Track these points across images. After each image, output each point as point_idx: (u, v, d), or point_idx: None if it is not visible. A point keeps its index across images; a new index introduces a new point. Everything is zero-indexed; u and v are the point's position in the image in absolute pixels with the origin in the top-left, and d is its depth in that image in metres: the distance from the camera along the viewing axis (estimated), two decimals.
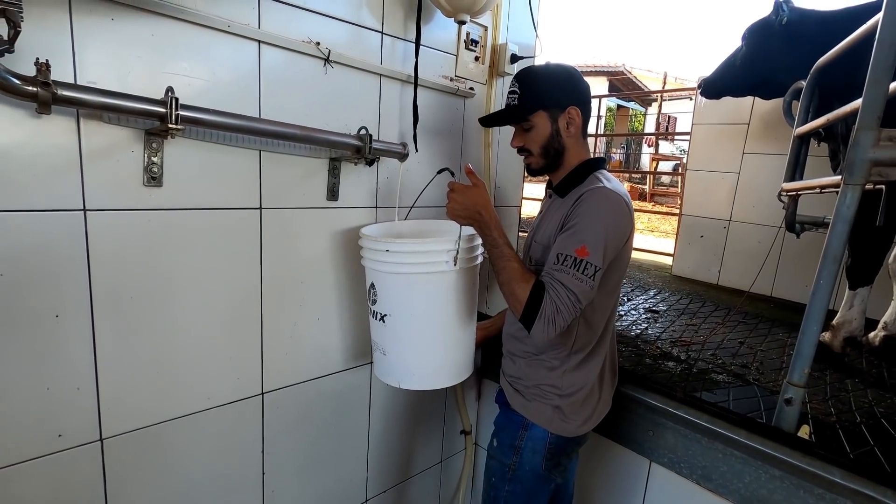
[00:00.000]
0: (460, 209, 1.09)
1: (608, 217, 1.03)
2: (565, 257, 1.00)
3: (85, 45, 0.89)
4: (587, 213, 1.03)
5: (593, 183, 1.09)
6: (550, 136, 1.14)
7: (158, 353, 1.08)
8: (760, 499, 1.16)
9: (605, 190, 1.05)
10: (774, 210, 2.38)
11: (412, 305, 1.19)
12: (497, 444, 1.24)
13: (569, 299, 0.98)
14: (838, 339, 1.83)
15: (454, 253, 1.14)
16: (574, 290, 0.98)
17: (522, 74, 1.15)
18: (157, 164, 1.00)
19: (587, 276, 0.99)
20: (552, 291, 0.99)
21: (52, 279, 0.92)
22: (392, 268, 1.16)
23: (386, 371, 1.28)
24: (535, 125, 1.14)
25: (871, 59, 1.06)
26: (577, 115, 1.13)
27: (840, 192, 1.11)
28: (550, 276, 1.01)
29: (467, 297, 1.25)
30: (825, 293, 1.12)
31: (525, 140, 1.17)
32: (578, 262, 0.99)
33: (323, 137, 1.19)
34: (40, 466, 0.96)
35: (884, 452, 1.21)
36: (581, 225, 1.02)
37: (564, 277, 0.99)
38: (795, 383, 1.14)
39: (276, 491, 1.36)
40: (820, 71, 1.75)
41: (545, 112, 1.13)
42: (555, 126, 1.13)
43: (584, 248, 0.99)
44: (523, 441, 1.17)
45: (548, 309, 0.98)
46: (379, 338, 1.26)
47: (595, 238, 1.00)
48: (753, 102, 2.83)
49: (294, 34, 1.15)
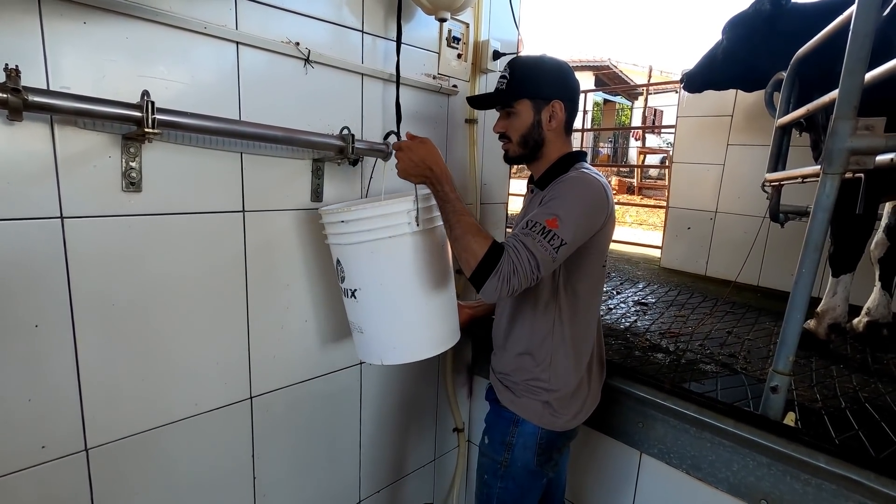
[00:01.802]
0: (410, 167, 1.07)
1: (585, 198, 1.04)
2: (534, 224, 0.99)
3: (57, 49, 0.87)
4: (564, 191, 1.04)
5: (571, 171, 1.11)
6: (531, 126, 1.14)
7: (143, 361, 1.06)
8: (748, 486, 1.17)
9: (586, 174, 1.07)
10: (759, 201, 2.40)
11: (380, 274, 1.15)
12: (488, 441, 1.24)
13: (529, 263, 0.96)
14: (823, 326, 1.85)
15: (414, 213, 1.11)
16: (536, 254, 0.96)
17: (515, 61, 1.16)
18: (136, 169, 0.98)
19: (552, 247, 0.97)
20: (512, 252, 0.97)
21: (29, 288, 0.90)
22: (353, 237, 1.12)
23: (366, 349, 1.24)
24: (517, 112, 1.15)
25: (846, 49, 1.07)
26: (560, 109, 1.13)
27: (819, 181, 1.13)
28: (514, 238, 1.00)
29: (437, 260, 1.20)
30: (808, 281, 1.14)
31: (506, 126, 1.17)
32: (546, 230, 0.98)
33: (305, 138, 1.18)
34: (24, 479, 0.94)
35: (868, 437, 1.23)
36: (556, 200, 1.03)
37: (528, 241, 0.97)
38: (781, 371, 1.16)
39: (268, 495, 1.36)
40: (799, 62, 1.77)
41: (529, 101, 1.13)
42: (537, 117, 1.14)
43: (556, 220, 0.99)
44: (514, 437, 1.17)
45: (504, 267, 0.96)
46: (354, 316, 1.22)
47: (567, 214, 1.00)
48: (736, 95, 2.86)
49: (273, 35, 1.14)
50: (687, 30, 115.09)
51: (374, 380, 1.58)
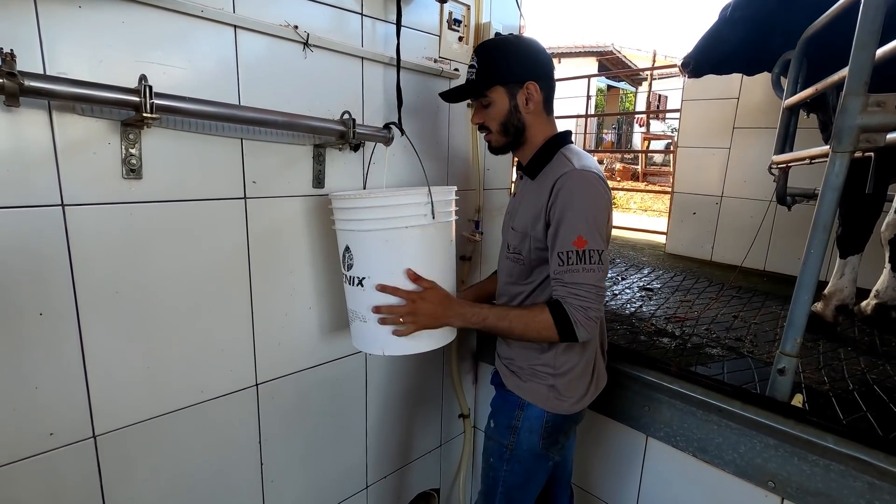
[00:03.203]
0: (431, 321, 1.10)
1: (589, 199, 1.03)
2: (567, 255, 1.00)
3: (52, 34, 0.86)
4: (569, 202, 1.02)
5: (563, 164, 1.07)
6: (509, 112, 1.11)
7: (148, 348, 1.07)
8: (756, 468, 1.17)
9: (578, 173, 1.04)
10: (765, 184, 2.38)
11: (392, 263, 1.13)
12: (494, 425, 1.24)
13: (588, 293, 1.00)
14: (830, 309, 1.84)
15: (430, 205, 1.11)
16: (588, 282, 1.00)
17: (481, 48, 1.13)
18: (136, 155, 0.98)
19: (594, 264, 1.00)
20: (571, 299, 1.00)
21: (32, 276, 0.90)
22: (368, 224, 1.12)
23: (367, 340, 1.22)
24: (492, 101, 1.12)
25: (857, 23, 1.05)
26: (535, 90, 1.10)
27: (829, 160, 1.11)
28: (562, 284, 1.02)
29: (446, 254, 1.21)
30: (816, 262, 1.13)
31: (484, 117, 1.14)
32: (581, 254, 1.00)
33: (305, 123, 1.17)
34: (33, 466, 0.95)
35: (876, 418, 1.22)
36: (567, 217, 1.01)
37: (576, 276, 1.00)
38: (788, 353, 1.15)
39: (276, 481, 1.37)
40: (808, 41, 1.74)
41: (502, 87, 1.10)
42: (513, 102, 1.11)
43: (580, 238, 1.00)
44: (520, 421, 1.17)
45: (577, 315, 0.99)
46: (357, 305, 1.21)
47: (588, 225, 1.01)
48: (742, 77, 2.81)
49: (271, 18, 1.12)
50: (691, 12, 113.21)
51: (379, 367, 1.58)
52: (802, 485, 1.10)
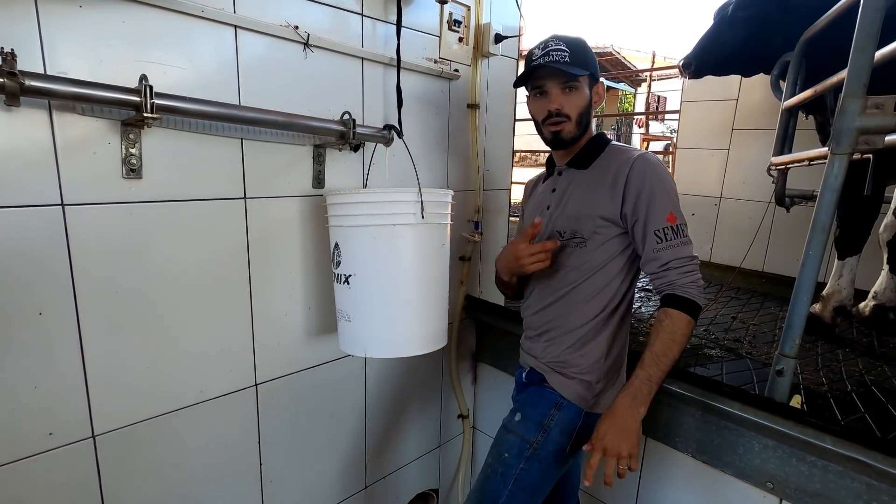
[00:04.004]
0: (620, 443, 1.00)
1: (668, 179, 1.07)
2: (664, 231, 1.03)
3: (53, 34, 0.86)
4: (653, 182, 1.04)
5: (626, 151, 1.10)
6: (587, 104, 1.12)
7: (147, 348, 1.06)
8: (754, 468, 1.17)
9: (650, 156, 1.08)
10: (764, 186, 2.38)
11: (378, 261, 1.13)
12: (521, 418, 1.15)
13: (692, 265, 1.04)
14: (828, 310, 1.85)
15: (419, 205, 1.11)
16: (689, 254, 1.04)
17: (562, 36, 1.10)
18: (136, 155, 0.98)
19: (687, 237, 1.05)
20: (681, 279, 1.03)
21: (32, 276, 0.90)
22: (357, 220, 1.12)
23: (350, 339, 1.21)
24: (579, 87, 1.10)
25: (856, 25, 1.05)
26: (603, 91, 1.15)
27: (827, 161, 1.11)
28: (662, 263, 1.04)
29: (435, 258, 1.19)
30: (815, 264, 1.13)
31: (565, 103, 1.10)
32: (676, 229, 1.04)
33: (305, 123, 1.17)
34: (32, 466, 0.95)
35: (874, 419, 1.23)
36: (656, 196, 1.04)
37: (678, 251, 1.03)
38: (787, 354, 1.15)
39: (275, 481, 1.37)
40: (807, 42, 1.74)
41: (588, 78, 1.11)
42: (590, 95, 1.12)
43: (672, 214, 1.04)
44: (553, 420, 1.11)
45: (693, 291, 1.03)
46: (343, 303, 1.19)
47: (673, 202, 1.05)
48: (741, 78, 2.81)
49: (271, 18, 1.12)
50: (690, 14, 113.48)
51: (378, 368, 1.58)
52: (801, 485, 1.11)
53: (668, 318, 1.03)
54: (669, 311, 1.03)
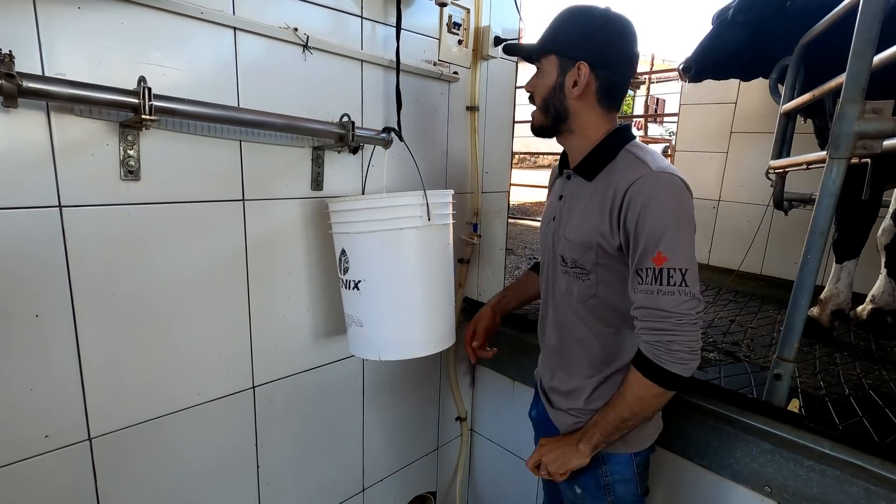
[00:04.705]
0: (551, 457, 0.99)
1: (671, 207, 0.86)
2: (645, 272, 0.87)
3: (51, 35, 0.86)
4: (648, 211, 0.86)
5: (635, 165, 0.91)
6: (553, 88, 0.97)
7: (144, 350, 1.06)
8: (752, 472, 1.17)
9: (656, 176, 0.87)
10: (763, 189, 2.39)
11: (388, 265, 1.13)
12: (581, 491, 1.06)
13: (667, 321, 0.85)
14: (826, 313, 1.85)
15: (425, 207, 1.11)
16: (667, 307, 0.85)
17: (561, 10, 0.99)
18: (134, 157, 0.97)
19: (674, 285, 0.84)
20: (648, 335, 0.87)
21: (29, 277, 0.90)
22: (363, 227, 1.11)
23: (363, 344, 1.21)
24: (542, 69, 0.99)
25: (855, 30, 1.05)
26: (585, 73, 0.93)
27: (826, 166, 1.11)
28: (636, 310, 0.88)
29: (443, 258, 1.20)
30: (813, 267, 1.13)
31: (533, 86, 1.01)
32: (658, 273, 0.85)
33: (304, 125, 1.17)
34: (28, 468, 0.95)
35: (872, 423, 1.23)
36: (646, 229, 0.86)
37: (649, 299, 0.86)
38: (785, 358, 1.15)
39: (272, 484, 1.36)
40: (805, 47, 1.75)
41: (556, 58, 0.96)
42: (560, 79, 0.96)
43: (660, 254, 0.85)
44: (609, 476, 1.03)
45: (661, 354, 0.86)
46: (353, 309, 1.20)
47: (668, 238, 0.85)
48: (740, 82, 2.82)
49: (270, 20, 1.12)
50: (689, 17, 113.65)
51: (375, 370, 1.57)
52: (798, 490, 1.11)
53: (629, 375, 0.91)
54: (632, 369, 0.91)
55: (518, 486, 1.82)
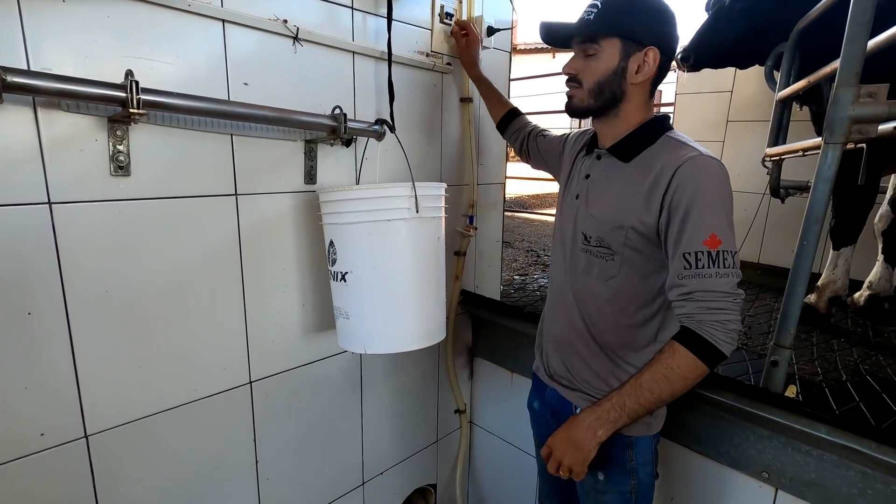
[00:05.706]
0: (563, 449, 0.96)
1: (722, 193, 0.88)
2: (696, 256, 0.86)
3: (36, 29, 0.84)
4: (699, 194, 0.86)
5: (681, 149, 0.92)
6: (613, 73, 0.95)
7: (140, 347, 1.06)
8: (749, 459, 1.17)
9: (706, 160, 0.89)
10: (760, 177, 2.38)
11: (374, 257, 1.12)
12: (605, 477, 1.07)
13: (724, 302, 0.86)
14: (823, 300, 1.85)
15: (413, 199, 1.10)
16: (724, 288, 0.86)
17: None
18: (124, 152, 0.96)
19: (728, 267, 0.86)
20: (702, 315, 0.86)
21: (20, 275, 0.89)
22: (351, 217, 1.11)
23: (350, 337, 1.21)
24: (600, 52, 0.95)
25: (849, 14, 1.04)
26: (654, 60, 0.93)
27: (821, 151, 1.11)
28: (685, 293, 0.88)
29: (431, 252, 1.18)
30: (809, 254, 1.13)
31: (581, 68, 0.97)
32: (715, 256, 0.86)
33: (296, 118, 1.16)
34: (24, 467, 0.94)
35: (868, 407, 1.23)
36: (697, 211, 0.86)
37: (707, 282, 0.86)
38: (782, 344, 1.15)
39: (271, 479, 1.36)
40: (800, 33, 1.73)
41: (619, 41, 0.93)
42: (623, 63, 0.94)
43: (714, 236, 0.85)
44: (634, 460, 1.05)
45: (716, 333, 0.85)
46: (341, 301, 1.19)
47: (720, 222, 0.86)
48: (736, 70, 2.81)
49: (259, 12, 1.11)
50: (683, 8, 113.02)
51: (374, 363, 1.57)
52: (796, 475, 1.11)
53: (670, 352, 0.89)
54: (675, 346, 0.89)
55: (518, 476, 1.82)
